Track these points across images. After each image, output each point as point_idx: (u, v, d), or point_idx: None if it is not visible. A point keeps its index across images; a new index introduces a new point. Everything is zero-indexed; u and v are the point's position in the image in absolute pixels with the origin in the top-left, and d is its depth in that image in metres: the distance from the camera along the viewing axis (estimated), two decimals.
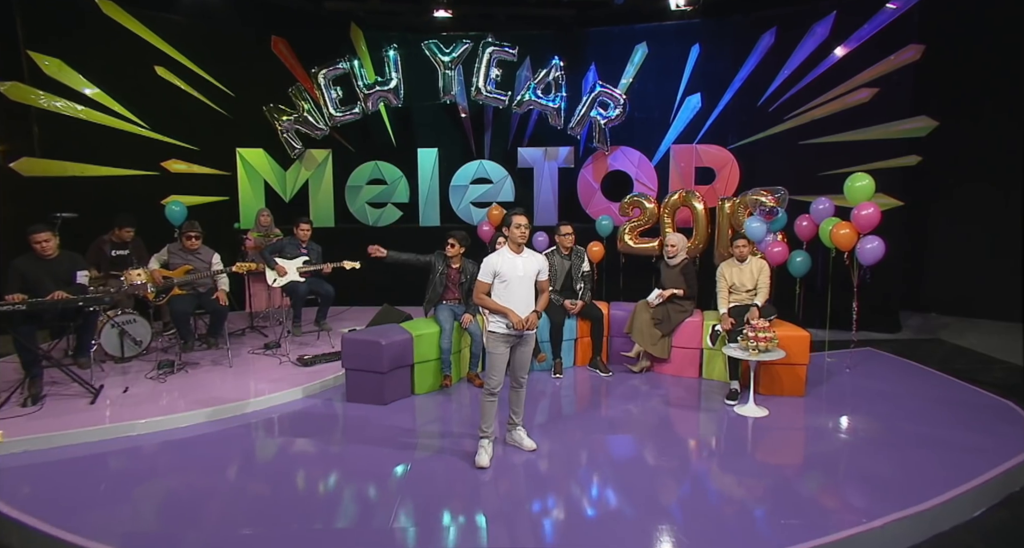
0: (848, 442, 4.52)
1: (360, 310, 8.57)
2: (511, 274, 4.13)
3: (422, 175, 9.00)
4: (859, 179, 5.90)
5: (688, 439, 4.68)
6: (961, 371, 6.30)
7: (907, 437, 4.53)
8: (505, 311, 4.11)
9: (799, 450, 4.47)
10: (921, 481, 3.83)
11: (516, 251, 4.20)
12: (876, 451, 4.31)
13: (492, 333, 4.18)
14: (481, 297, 4.21)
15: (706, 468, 4.15)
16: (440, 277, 5.81)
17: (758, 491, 3.78)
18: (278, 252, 6.68)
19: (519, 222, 4.15)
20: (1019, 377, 6.11)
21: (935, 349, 7.21)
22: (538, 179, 8.87)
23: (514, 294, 4.15)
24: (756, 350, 4.94)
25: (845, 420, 4.91)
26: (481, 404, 4.25)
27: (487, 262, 4.18)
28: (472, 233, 8.44)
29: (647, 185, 8.62)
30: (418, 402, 5.39)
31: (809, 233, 6.63)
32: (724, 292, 5.69)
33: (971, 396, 5.45)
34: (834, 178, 7.99)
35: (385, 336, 5.27)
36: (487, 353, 4.22)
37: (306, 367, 6.01)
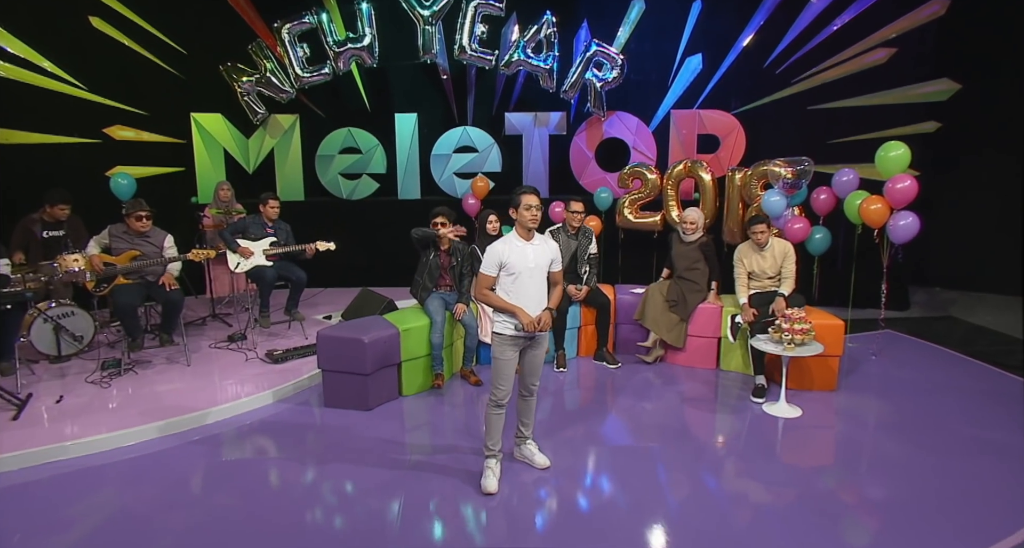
0: (906, 452, 3.88)
1: (334, 293, 7.73)
2: (520, 265, 3.36)
3: (400, 143, 8.06)
4: (893, 148, 5.22)
5: (720, 448, 4.02)
6: (985, 354, 5.81)
7: (968, 444, 3.94)
8: (514, 310, 3.36)
9: (850, 463, 3.84)
10: (1008, 506, 3.25)
11: (526, 237, 3.41)
12: (943, 463, 3.71)
13: (498, 335, 3.44)
14: (484, 293, 3.44)
15: (749, 490, 3.50)
16: (432, 262, 5.01)
17: (816, 517, 3.15)
18: (241, 232, 5.76)
19: (529, 202, 3.35)
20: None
21: (952, 329, 6.71)
22: (527, 147, 8.01)
23: (524, 289, 3.39)
24: (791, 344, 4.29)
25: (891, 421, 4.30)
26: (486, 418, 3.53)
27: (492, 251, 3.39)
28: (456, 207, 7.64)
29: (645, 154, 7.84)
30: (407, 406, 4.64)
31: (827, 207, 5.96)
32: (743, 279, 5.00)
33: (1010, 386, 4.93)
34: (845, 147, 7.36)
35: (368, 332, 4.47)
36: (493, 359, 3.48)
37: (277, 364, 5.20)
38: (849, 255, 6.20)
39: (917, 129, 7.11)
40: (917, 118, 7.06)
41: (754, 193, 6.37)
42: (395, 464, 3.74)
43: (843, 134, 7.35)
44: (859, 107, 7.31)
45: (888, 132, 7.23)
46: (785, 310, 4.60)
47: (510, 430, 3.75)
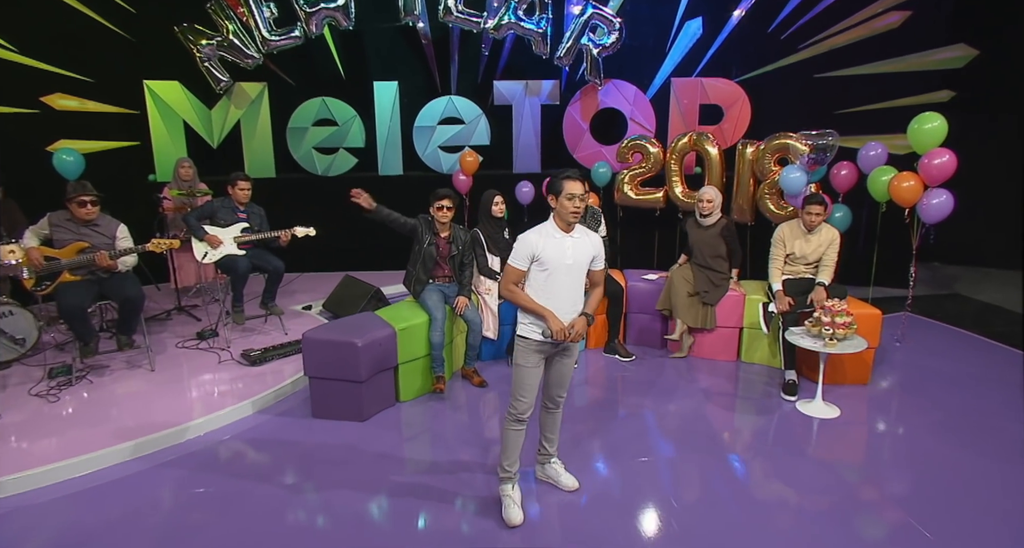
0: (960, 457, 3.47)
1: (312, 279, 7.03)
2: (556, 261, 2.80)
3: (380, 114, 7.28)
4: (928, 120, 4.73)
5: (759, 458, 3.56)
6: (1004, 335, 5.49)
7: (1013, 442, 3.58)
8: (543, 312, 2.80)
9: (902, 471, 3.41)
10: None
11: (565, 229, 2.83)
12: (1004, 470, 3.32)
13: (523, 339, 2.88)
14: (512, 290, 2.86)
15: (803, 504, 3.04)
16: (427, 250, 4.37)
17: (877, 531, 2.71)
18: (208, 218, 5.01)
19: (572, 191, 2.75)
20: None
21: (963, 308, 6.39)
22: (517, 118, 7.32)
23: (558, 288, 2.83)
24: (833, 339, 3.82)
25: (935, 420, 3.88)
26: (503, 435, 2.99)
27: (524, 241, 2.80)
28: (447, 185, 6.96)
29: (644, 125, 7.24)
30: (406, 414, 4.06)
31: (849, 183, 5.49)
32: (780, 262, 4.48)
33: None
34: (853, 117, 6.87)
35: (360, 333, 3.85)
36: (515, 366, 2.91)
37: (255, 366, 4.55)
38: (872, 235, 5.76)
39: (931, 98, 6.63)
40: (931, 87, 6.60)
41: (768, 168, 5.86)
42: (399, 489, 3.17)
43: (853, 104, 6.86)
44: (870, 75, 6.81)
45: (900, 102, 6.77)
46: (826, 301, 4.14)
47: (530, 445, 3.22)
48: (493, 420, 3.99)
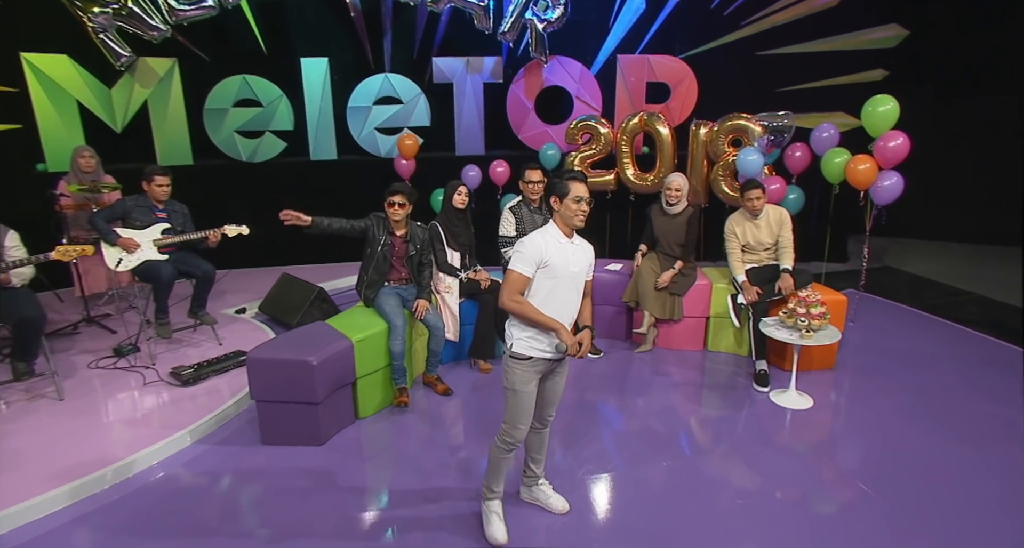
0: (934, 443, 3.45)
1: (242, 277, 6.36)
2: (562, 268, 2.50)
3: (309, 94, 6.59)
4: (881, 102, 4.66)
5: (744, 457, 3.39)
6: (937, 307, 5.68)
7: (994, 427, 3.60)
8: (554, 326, 2.47)
9: (885, 462, 3.35)
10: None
11: (568, 235, 2.55)
12: (976, 454, 3.32)
13: (520, 361, 2.52)
14: (519, 300, 2.49)
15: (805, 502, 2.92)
16: (382, 251, 3.91)
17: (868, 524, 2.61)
18: (121, 219, 4.30)
19: (579, 193, 2.49)
20: (994, 311, 5.58)
21: (894, 280, 6.59)
22: (459, 98, 6.83)
23: (562, 299, 2.53)
24: (809, 331, 3.72)
25: (904, 405, 3.85)
26: (491, 458, 2.69)
27: (531, 243, 2.48)
28: (387, 171, 6.44)
29: (590, 104, 6.94)
30: (368, 433, 3.65)
31: (803, 165, 5.43)
32: (738, 253, 4.34)
33: (1001, 352, 4.69)
34: (793, 95, 6.85)
35: (313, 349, 3.38)
36: (511, 391, 2.56)
37: (188, 386, 3.97)
38: (824, 216, 5.76)
39: (864, 77, 6.71)
40: (866, 66, 6.65)
41: (721, 149, 5.72)
42: (372, 528, 2.80)
43: (793, 82, 6.84)
44: (809, 53, 6.80)
45: (836, 80, 6.82)
46: (794, 289, 4.04)
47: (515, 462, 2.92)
48: (465, 434, 3.66)
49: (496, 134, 7.05)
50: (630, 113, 6.41)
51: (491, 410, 3.87)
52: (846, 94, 6.84)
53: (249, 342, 4.56)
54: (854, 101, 6.68)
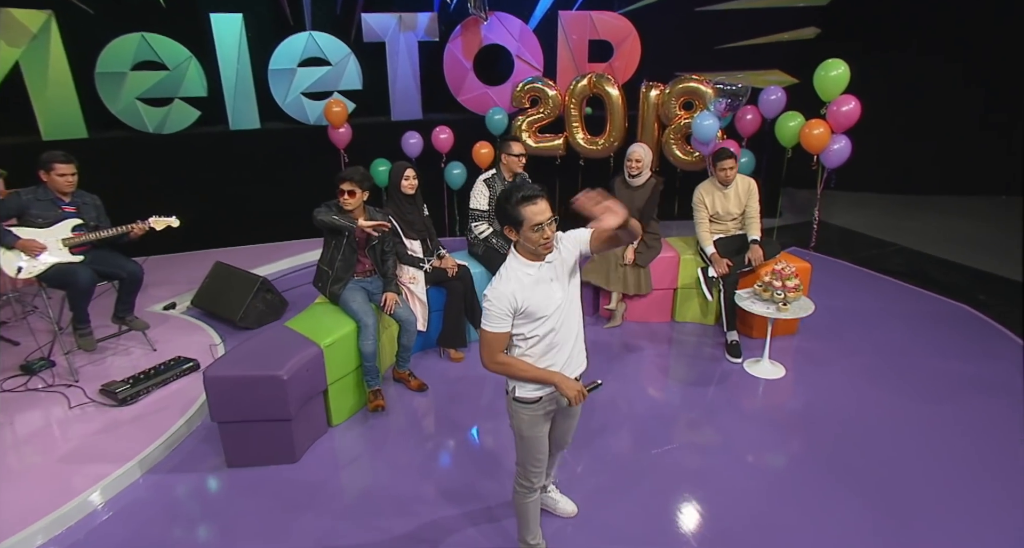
0: (906, 404, 3.60)
1: (164, 263, 5.66)
2: (546, 304, 2.05)
3: (223, 55, 5.77)
4: (833, 67, 4.63)
5: (731, 432, 3.41)
6: (868, 260, 5.96)
7: (953, 382, 3.79)
8: (550, 380, 2.11)
9: (868, 427, 3.46)
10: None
11: (536, 260, 2.06)
12: (946, 412, 3.50)
13: (524, 405, 2.18)
14: (501, 362, 2.09)
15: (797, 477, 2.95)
16: (348, 242, 3.50)
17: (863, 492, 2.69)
18: (16, 216, 3.59)
19: (537, 219, 1.95)
20: (919, 262, 5.91)
21: (825, 234, 6.83)
22: (392, 58, 6.23)
23: (560, 338, 2.12)
24: (786, 304, 3.72)
25: (870, 366, 3.98)
26: (517, 508, 2.41)
27: (497, 296, 2.01)
28: (320, 140, 5.86)
29: (531, 63, 6.54)
30: (345, 443, 3.34)
31: (753, 128, 5.39)
32: (706, 223, 4.25)
33: (921, 302, 4.98)
34: (731, 52, 6.79)
35: (279, 361, 2.99)
36: (521, 437, 2.25)
37: (125, 405, 3.47)
38: (776, 180, 5.80)
39: (799, 35, 6.71)
40: (801, 23, 6.64)
41: (673, 112, 5.57)
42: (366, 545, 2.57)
43: (729, 39, 6.74)
44: (746, 10, 6.68)
45: (771, 38, 6.79)
46: (763, 260, 4.02)
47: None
48: (448, 432, 3.43)
49: (433, 97, 6.54)
50: (573, 73, 6.12)
51: (470, 403, 3.68)
52: (781, 51, 6.87)
53: (189, 345, 4.09)
54: (789, 58, 6.81)
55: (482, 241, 4.23)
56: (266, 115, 6.10)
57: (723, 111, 4.96)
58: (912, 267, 5.84)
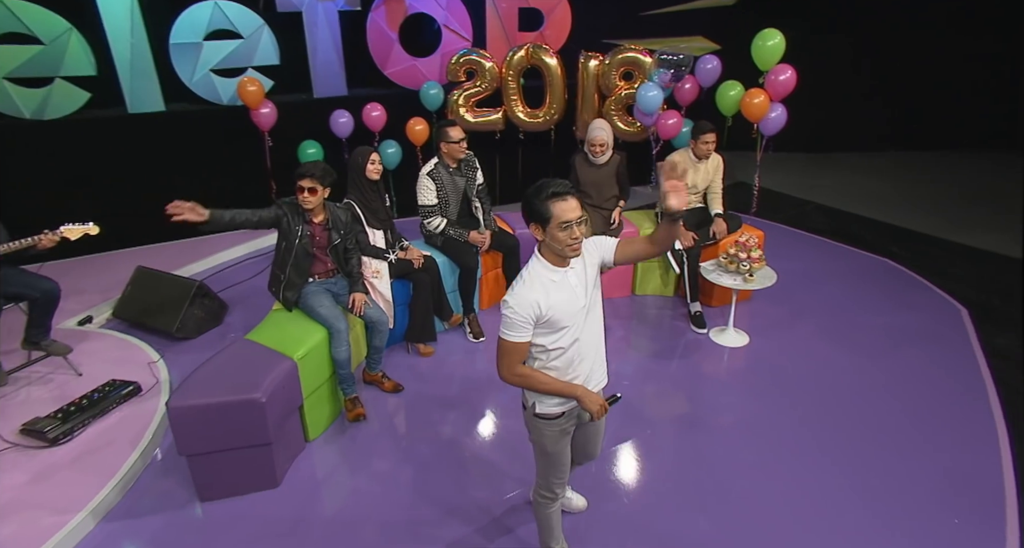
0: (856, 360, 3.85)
1: (69, 269, 4.93)
2: (571, 311, 1.92)
3: (112, 27, 4.99)
4: (769, 37, 4.70)
5: (716, 410, 3.50)
6: (793, 219, 6.29)
7: (884, 335, 4.07)
8: (573, 393, 1.99)
9: (828, 386, 3.64)
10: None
11: (561, 264, 1.93)
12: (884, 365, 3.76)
13: (545, 421, 2.06)
14: (521, 374, 1.96)
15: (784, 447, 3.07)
16: (301, 244, 3.15)
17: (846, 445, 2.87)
18: None
19: (567, 217, 1.82)
20: (838, 220, 6.30)
21: (746, 196, 7.11)
22: (311, 29, 5.67)
23: (584, 343, 2.00)
24: (752, 275, 3.81)
25: (820, 325, 4.20)
26: (538, 517, 2.32)
27: (520, 303, 1.86)
28: (240, 121, 5.30)
29: (460, 33, 6.21)
30: (325, 457, 3.07)
31: (692, 97, 5.42)
32: None
33: (850, 260, 5.31)
34: (656, 19, 6.79)
35: (253, 381, 2.67)
36: (542, 454, 2.14)
37: (57, 445, 3.00)
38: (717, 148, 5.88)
39: (717, 2, 6.82)
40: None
41: (613, 83, 5.49)
42: None
43: (653, 5, 6.74)
44: None
45: (692, 5, 6.85)
46: (727, 232, 4.09)
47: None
48: (434, 439, 3.23)
49: (358, 71, 6.07)
50: (504, 42, 5.89)
51: (449, 401, 3.52)
52: (702, 18, 6.95)
53: (121, 365, 3.62)
54: (710, 25, 6.91)
55: (439, 234, 3.99)
56: (171, 95, 5.40)
57: (667, 82, 4.94)
58: (833, 224, 6.22)
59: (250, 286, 4.77)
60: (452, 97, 5.74)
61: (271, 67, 5.63)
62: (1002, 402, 3.41)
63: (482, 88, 5.69)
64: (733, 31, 7.18)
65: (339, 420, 3.33)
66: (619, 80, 5.48)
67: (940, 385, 3.57)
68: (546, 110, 5.78)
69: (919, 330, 4.15)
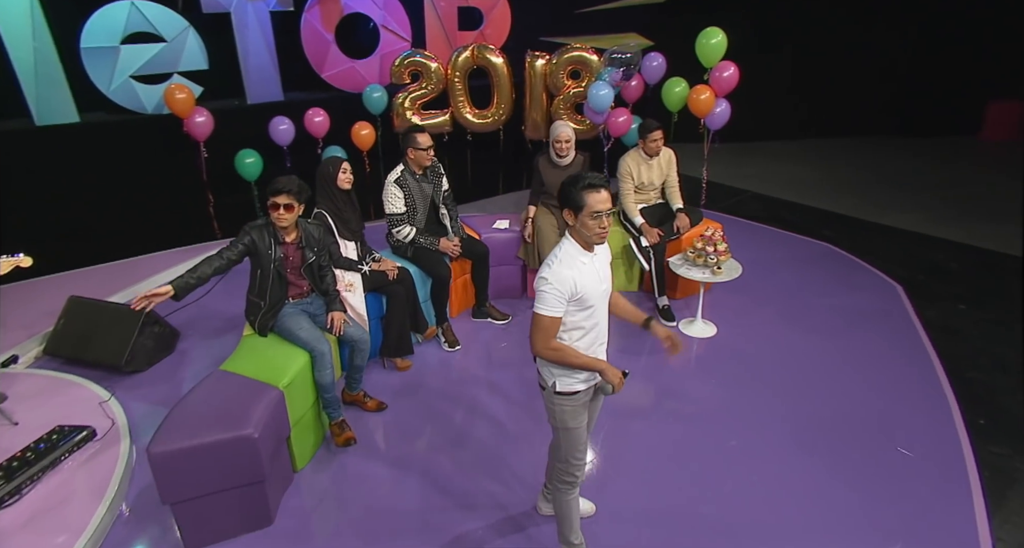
0: (815, 343, 4.08)
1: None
2: (595, 292, 2.10)
3: (8, 29, 4.48)
4: (712, 35, 4.87)
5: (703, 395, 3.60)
6: (732, 208, 6.59)
7: (836, 317, 4.33)
8: (598, 367, 2.13)
9: (793, 370, 3.84)
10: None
11: (589, 249, 2.10)
12: (837, 345, 4.01)
13: (567, 396, 2.17)
14: (556, 348, 2.09)
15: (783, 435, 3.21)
16: (275, 269, 2.95)
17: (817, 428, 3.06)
18: None
19: (599, 207, 1.98)
20: (774, 207, 6.66)
21: (689, 187, 7.34)
22: (241, 31, 5.34)
23: (599, 324, 2.18)
24: (719, 268, 3.95)
25: (779, 311, 4.40)
26: (558, 507, 2.37)
27: (558, 281, 2.01)
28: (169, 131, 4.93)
29: (398, 33, 6.05)
30: (315, 488, 2.89)
31: (637, 94, 5.54)
32: (632, 194, 4.33)
33: (792, 244, 5.61)
34: (590, 16, 6.88)
35: (242, 416, 2.48)
36: (563, 430, 2.21)
37: (5, 507, 2.67)
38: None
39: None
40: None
41: (561, 82, 5.52)
42: None
43: (588, 4, 6.83)
44: None
45: (625, 3, 7.00)
46: (690, 226, 4.21)
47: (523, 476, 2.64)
48: (428, 457, 3.13)
49: (293, 75, 5.79)
50: (444, 42, 5.81)
51: (434, 414, 3.43)
52: (635, 16, 7.12)
53: (65, 408, 3.30)
54: (643, 22, 7.09)
55: (408, 244, 3.88)
56: (86, 105, 4.93)
57: (617, 80, 5.02)
58: (768, 212, 6.56)
59: (199, 308, 4.44)
60: (397, 100, 5.58)
61: (199, 72, 5.26)
62: (944, 369, 3.73)
63: (428, 90, 5.57)
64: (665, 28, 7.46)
65: (325, 446, 3.17)
66: (567, 79, 5.52)
67: (890, 357, 3.85)
68: (494, 110, 5.73)
69: (864, 308, 4.45)
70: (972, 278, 4.97)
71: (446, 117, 5.74)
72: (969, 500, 2.76)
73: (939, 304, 4.56)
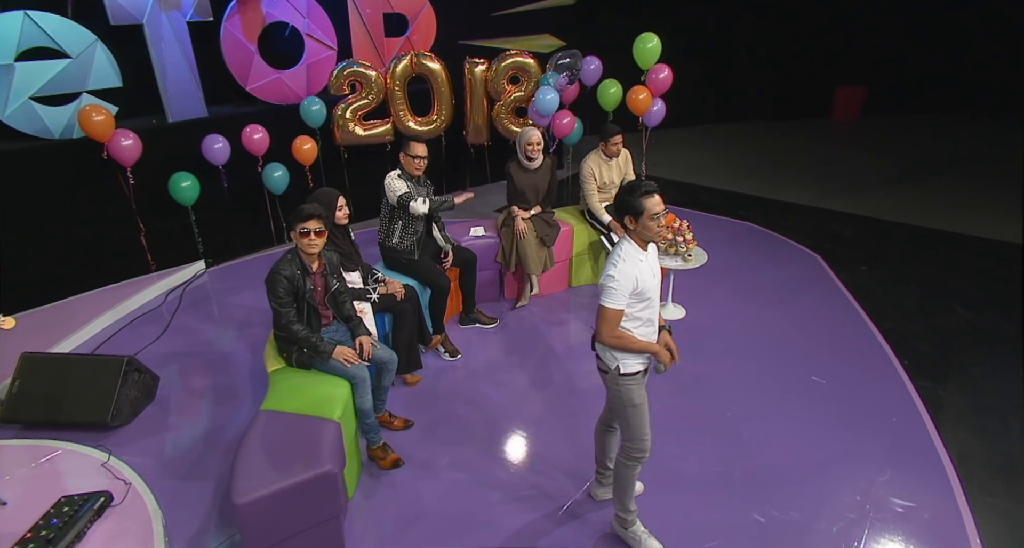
0: (767, 313, 4.65)
1: None
2: (651, 288, 2.42)
3: None
4: (648, 40, 5.26)
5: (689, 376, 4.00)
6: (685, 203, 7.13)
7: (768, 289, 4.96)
8: (652, 349, 2.46)
9: (761, 344, 4.28)
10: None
11: (644, 248, 2.42)
12: (790, 316, 4.63)
13: (631, 377, 2.47)
14: (619, 335, 2.39)
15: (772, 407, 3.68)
16: (309, 302, 2.90)
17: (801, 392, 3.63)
18: None
19: (656, 209, 2.29)
20: (689, 191, 7.33)
21: None
22: (156, 44, 4.93)
23: (652, 315, 2.48)
24: (690, 256, 4.37)
25: (733, 291, 4.91)
26: (624, 478, 2.64)
27: (623, 276, 2.31)
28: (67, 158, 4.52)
29: (324, 42, 5.88)
30: (374, 514, 2.89)
31: (573, 96, 5.85)
32: (597, 194, 4.64)
33: (720, 226, 6.25)
34: (505, 19, 7.11)
35: (314, 452, 2.45)
36: (629, 407, 2.48)
37: None
38: None
39: (558, 2, 7.35)
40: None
41: (501, 88, 5.70)
42: None
43: (502, 6, 7.06)
44: None
45: (537, 6, 7.31)
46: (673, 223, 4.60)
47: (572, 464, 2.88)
48: (471, 461, 3.23)
49: (216, 89, 5.46)
50: (370, 50, 5.80)
51: (460, 420, 3.54)
52: (546, 18, 7.44)
53: (62, 478, 3.03)
54: (555, 23, 7.44)
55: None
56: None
57: (563, 85, 5.29)
58: (687, 196, 7.21)
59: (164, 347, 4.16)
60: (337, 112, 5.46)
61: (112, 90, 4.81)
62: (873, 323, 4.44)
63: (369, 100, 5.51)
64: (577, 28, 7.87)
65: (367, 472, 3.15)
66: (507, 84, 5.71)
67: (832, 319, 4.50)
68: (437, 115, 5.79)
69: (799, 278, 5.12)
70: (864, 243, 5.87)
71: (388, 126, 5.71)
72: (925, 430, 3.39)
73: (847, 268, 5.34)
